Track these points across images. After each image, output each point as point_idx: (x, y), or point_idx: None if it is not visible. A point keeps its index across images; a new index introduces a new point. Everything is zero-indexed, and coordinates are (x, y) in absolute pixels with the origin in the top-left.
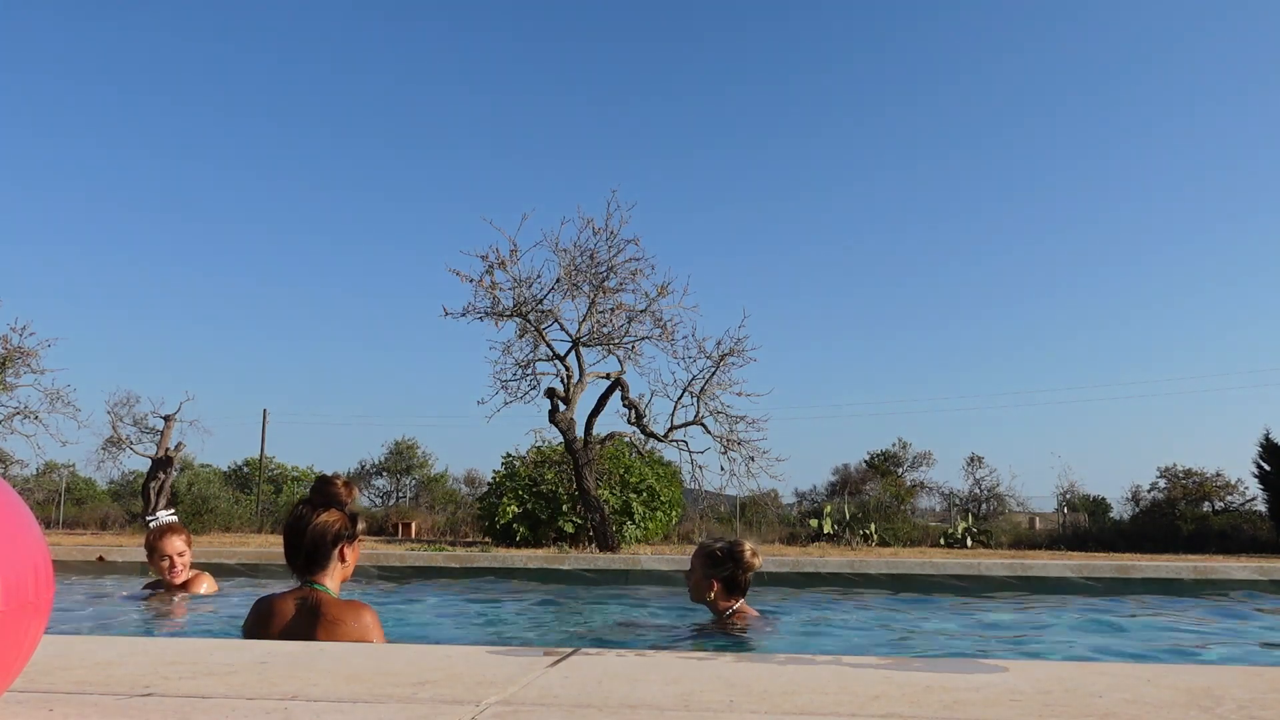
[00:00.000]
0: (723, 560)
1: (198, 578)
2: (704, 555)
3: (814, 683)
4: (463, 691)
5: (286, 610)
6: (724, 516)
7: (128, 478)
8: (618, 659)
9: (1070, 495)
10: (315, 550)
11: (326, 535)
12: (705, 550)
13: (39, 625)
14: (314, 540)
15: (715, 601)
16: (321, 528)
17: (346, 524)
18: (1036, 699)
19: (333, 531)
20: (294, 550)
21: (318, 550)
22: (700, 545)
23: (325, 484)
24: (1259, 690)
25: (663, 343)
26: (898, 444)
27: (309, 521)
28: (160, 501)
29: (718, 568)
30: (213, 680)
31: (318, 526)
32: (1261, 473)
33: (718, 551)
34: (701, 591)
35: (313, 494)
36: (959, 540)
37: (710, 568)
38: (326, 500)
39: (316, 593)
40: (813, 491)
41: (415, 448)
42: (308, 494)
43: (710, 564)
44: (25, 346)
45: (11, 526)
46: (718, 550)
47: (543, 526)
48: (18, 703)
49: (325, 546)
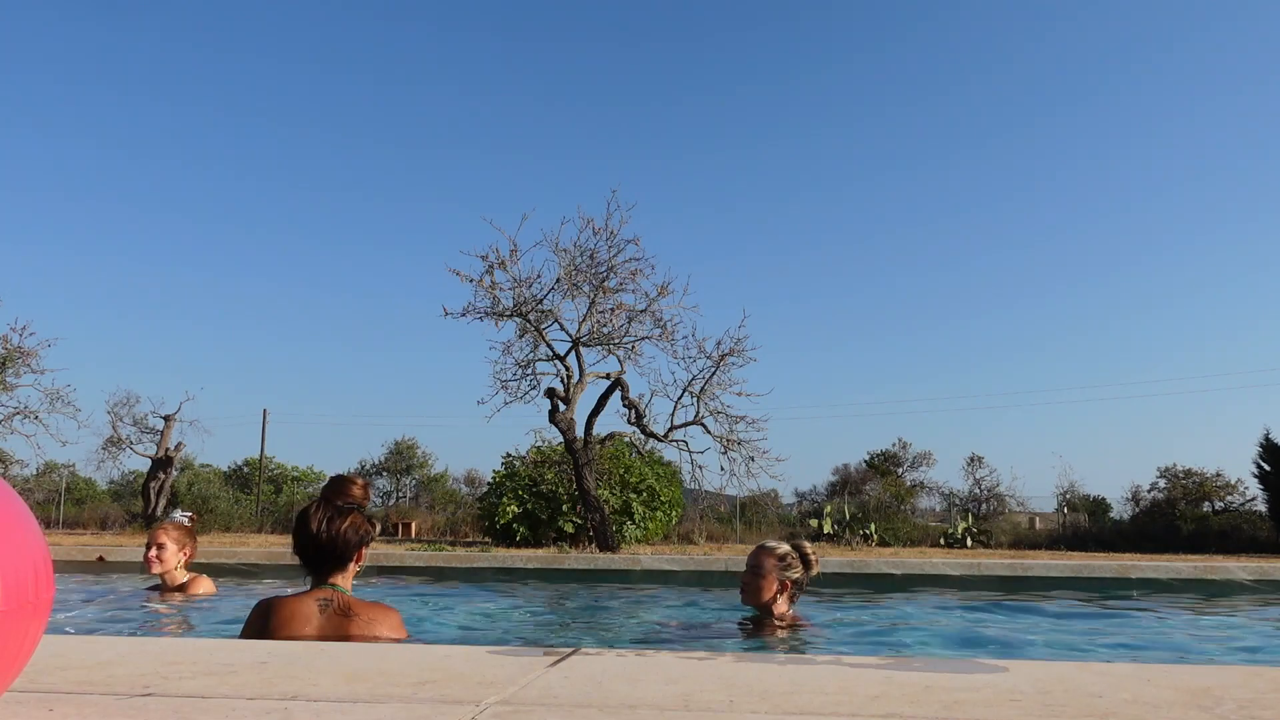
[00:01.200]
0: (796, 564)
1: (197, 579)
2: (777, 557)
3: (814, 682)
4: (463, 691)
5: (309, 611)
6: (724, 516)
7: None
8: (618, 659)
9: (1070, 495)
10: (340, 552)
11: (351, 538)
12: (777, 552)
13: (39, 625)
14: (340, 543)
15: (776, 605)
16: (348, 531)
17: (369, 527)
18: (1036, 699)
19: (358, 534)
20: (317, 551)
21: (343, 552)
22: (767, 547)
23: (343, 484)
24: (1259, 690)
25: (663, 343)
26: (898, 444)
27: (333, 523)
28: (160, 502)
29: (790, 571)
30: (213, 680)
31: (344, 529)
32: (1261, 473)
33: (791, 555)
34: (766, 593)
35: (330, 494)
36: (959, 540)
37: (784, 571)
38: (345, 501)
39: (341, 594)
40: (813, 491)
41: (415, 448)
42: (323, 493)
43: (784, 567)
44: (25, 346)
45: (11, 526)
46: (791, 554)
47: (543, 526)
48: (18, 703)
49: (350, 549)
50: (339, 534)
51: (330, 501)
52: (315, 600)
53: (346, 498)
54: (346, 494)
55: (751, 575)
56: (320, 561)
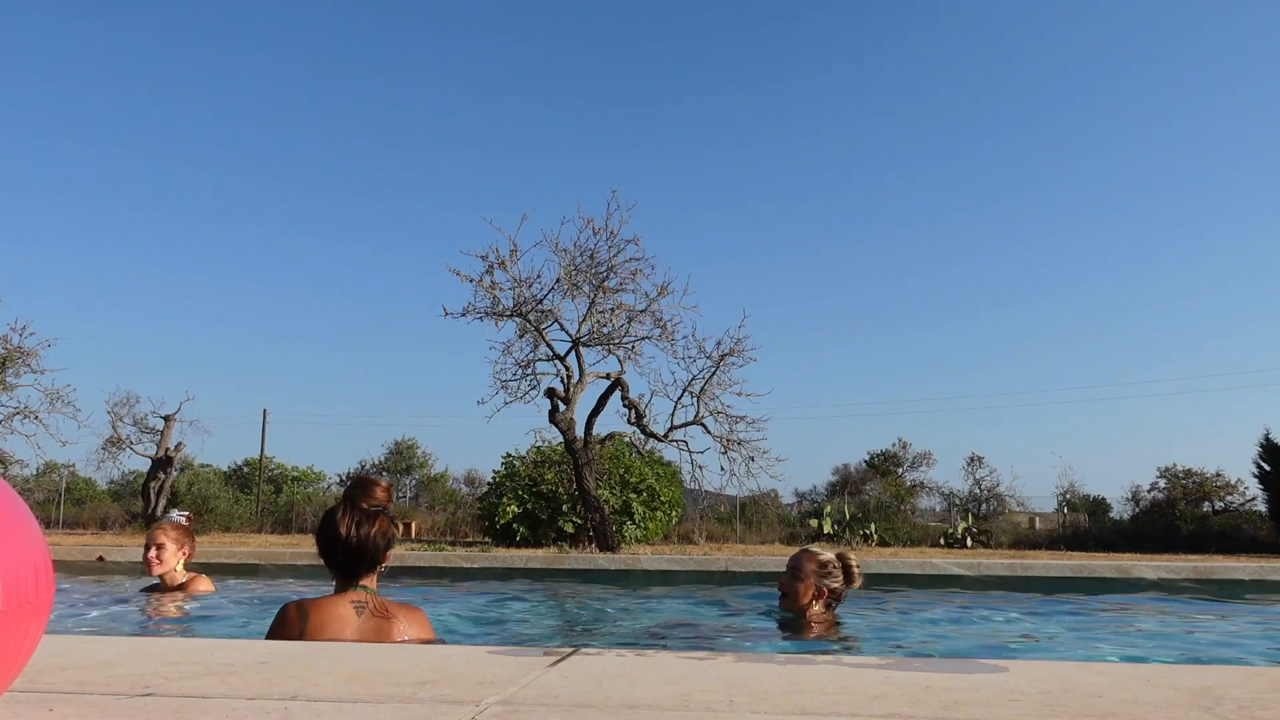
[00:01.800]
0: (837, 573)
1: (195, 579)
2: (818, 563)
3: (814, 682)
4: (463, 691)
5: (346, 614)
6: (724, 517)
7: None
8: (618, 659)
9: (1070, 495)
10: (371, 556)
11: (380, 542)
12: (820, 558)
13: (39, 625)
14: (370, 546)
15: (811, 610)
16: (377, 535)
17: (395, 530)
18: (1036, 699)
19: (386, 538)
20: (347, 556)
21: (374, 556)
22: (811, 551)
23: (368, 486)
24: (1259, 690)
25: (663, 343)
26: (898, 444)
27: (363, 528)
28: (160, 502)
29: (830, 579)
30: (213, 680)
31: (373, 534)
32: (1261, 473)
33: (833, 563)
34: (803, 598)
35: (356, 497)
36: (959, 540)
37: (822, 578)
38: (370, 504)
39: (372, 595)
40: (813, 491)
41: (415, 448)
42: (348, 496)
43: (824, 574)
44: (25, 346)
45: (11, 526)
46: (833, 562)
47: (543, 526)
48: (18, 703)
49: (379, 552)
50: (369, 538)
51: (356, 505)
52: (350, 603)
53: (372, 500)
54: (372, 496)
55: (790, 578)
56: (351, 565)
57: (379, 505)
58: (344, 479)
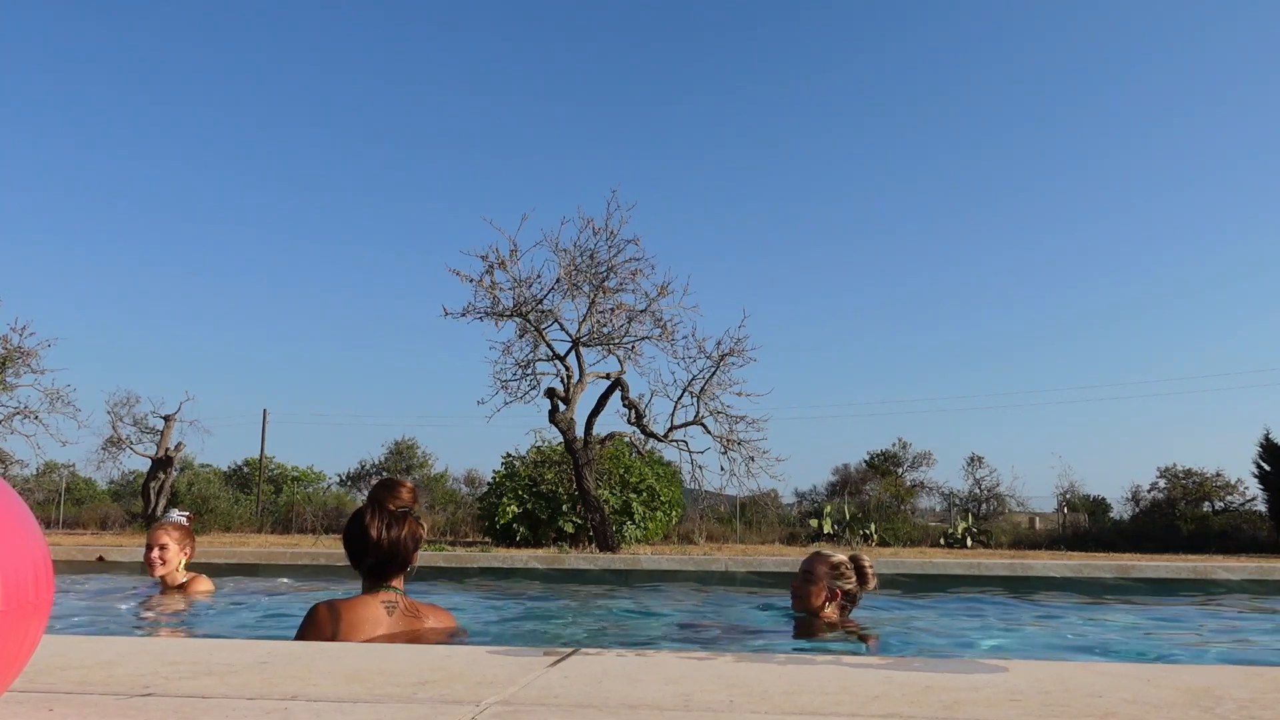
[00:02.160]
0: (850, 575)
1: (196, 579)
2: (831, 565)
3: (814, 682)
4: (463, 691)
5: (378, 615)
6: (724, 517)
7: (128, 478)
8: (618, 659)
9: (1070, 495)
10: (402, 557)
11: (410, 544)
12: (832, 560)
13: (39, 625)
14: (400, 548)
15: (823, 613)
16: (406, 537)
17: (422, 530)
18: (1036, 699)
19: (414, 540)
20: (379, 556)
21: (404, 557)
22: (824, 554)
23: (395, 488)
24: (1259, 690)
25: (663, 343)
26: (898, 444)
27: (392, 530)
28: (161, 502)
29: (843, 581)
30: (213, 680)
31: (403, 536)
32: (1261, 473)
33: (846, 565)
34: (815, 600)
35: (383, 498)
36: (959, 540)
37: (835, 580)
38: (397, 505)
39: (402, 596)
40: (813, 491)
41: (415, 448)
42: (374, 497)
43: (837, 576)
44: (25, 346)
45: (11, 526)
46: (846, 564)
47: (543, 526)
48: (18, 703)
49: (409, 553)
50: (399, 540)
51: (384, 507)
52: (381, 604)
53: (399, 502)
54: (398, 498)
55: (803, 580)
56: (382, 567)
57: (405, 507)
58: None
